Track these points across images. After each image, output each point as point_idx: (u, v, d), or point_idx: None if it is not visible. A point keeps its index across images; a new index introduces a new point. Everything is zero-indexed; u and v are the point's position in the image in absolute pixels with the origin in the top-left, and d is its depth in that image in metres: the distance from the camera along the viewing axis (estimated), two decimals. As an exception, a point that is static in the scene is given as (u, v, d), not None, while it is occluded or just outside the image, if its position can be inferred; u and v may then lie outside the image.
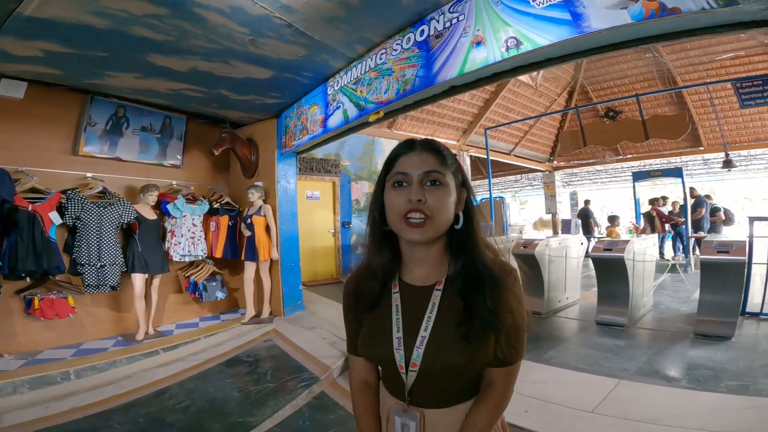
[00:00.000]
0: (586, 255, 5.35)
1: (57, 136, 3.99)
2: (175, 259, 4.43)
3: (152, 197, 4.15)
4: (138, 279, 3.98)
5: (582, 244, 5.55)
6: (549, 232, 12.08)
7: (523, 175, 14.06)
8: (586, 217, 9.72)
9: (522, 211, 20.84)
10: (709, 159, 10.44)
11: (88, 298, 4.00)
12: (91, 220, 3.80)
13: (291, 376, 3.27)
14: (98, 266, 3.81)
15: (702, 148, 9.59)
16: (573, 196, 12.71)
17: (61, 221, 3.66)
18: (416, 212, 0.79)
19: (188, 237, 4.47)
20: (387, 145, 8.43)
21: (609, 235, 6.20)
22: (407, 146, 0.87)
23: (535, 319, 4.05)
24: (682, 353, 3.27)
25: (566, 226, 11.33)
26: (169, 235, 4.44)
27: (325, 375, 3.24)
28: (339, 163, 7.55)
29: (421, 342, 0.82)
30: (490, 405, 0.85)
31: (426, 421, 0.86)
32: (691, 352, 3.27)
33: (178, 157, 4.81)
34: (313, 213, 7.17)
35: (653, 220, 8.03)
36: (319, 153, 7.15)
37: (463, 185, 0.88)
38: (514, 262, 3.91)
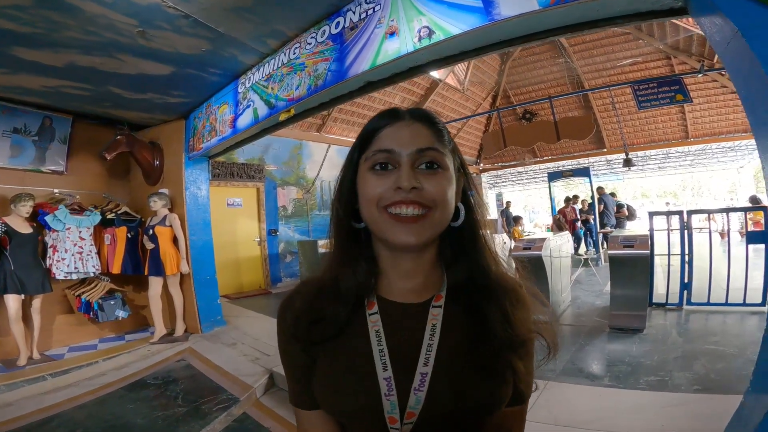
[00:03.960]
0: (509, 254, 5.55)
1: None
2: (59, 276, 3.92)
3: (25, 208, 3.65)
4: (12, 300, 3.55)
5: (505, 243, 5.75)
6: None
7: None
8: (509, 218, 10.22)
9: (454, 213, 21.61)
10: (611, 160, 11.54)
11: (-46, 323, 3.48)
12: (-55, 236, 3.21)
13: (206, 398, 2.99)
14: (-40, 288, 3.26)
15: (605, 150, 10.58)
16: (499, 197, 13.40)
17: None
18: (409, 205, 0.57)
19: (74, 252, 3.96)
20: (315, 149, 8.20)
21: (513, 234, 6.52)
22: (391, 115, 0.63)
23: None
24: (601, 349, 3.40)
25: (493, 226, 11.87)
26: (50, 250, 3.92)
27: (246, 395, 3.01)
28: (263, 168, 7.19)
29: (421, 382, 0.57)
30: None
31: None
32: (609, 346, 3.41)
33: (61, 162, 4.28)
34: (235, 221, 6.79)
35: (560, 222, 8.63)
36: (240, 157, 6.77)
37: (461, 169, 0.66)
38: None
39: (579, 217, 8.70)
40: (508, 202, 10.76)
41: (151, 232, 4.21)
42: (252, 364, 3.50)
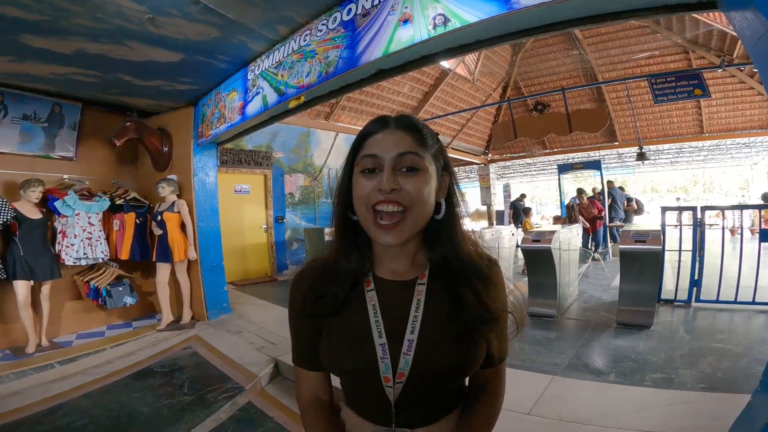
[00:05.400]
0: (517, 245, 5.50)
1: None
2: (68, 262, 3.91)
3: (35, 193, 3.62)
4: (21, 287, 3.51)
5: (513, 234, 5.70)
6: (485, 222, 12.50)
7: (460, 167, 14.40)
8: (516, 210, 10.08)
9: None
10: (623, 153, 11.34)
11: (-36, 309, 3.48)
12: (-44, 221, 3.23)
13: (212, 386, 2.99)
14: (-31, 274, 3.26)
15: (617, 143, 10.38)
16: (506, 188, 13.28)
17: None
18: (389, 204, 0.67)
19: (83, 237, 3.96)
20: (323, 137, 8.15)
21: (524, 226, 6.44)
22: (379, 123, 0.73)
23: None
24: (607, 344, 3.35)
25: (500, 217, 11.79)
26: (59, 236, 3.91)
27: (251, 384, 3.01)
28: (271, 155, 7.17)
29: (408, 347, 0.70)
30: (488, 411, 0.79)
31: None
32: (615, 342, 3.36)
33: (71, 148, 4.26)
34: (242, 208, 6.80)
35: (572, 212, 8.27)
36: (248, 144, 6.76)
37: (445, 169, 0.76)
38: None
39: (597, 213, 7.96)
40: (522, 195, 10.52)
41: (159, 218, 4.19)
42: (257, 353, 3.51)
